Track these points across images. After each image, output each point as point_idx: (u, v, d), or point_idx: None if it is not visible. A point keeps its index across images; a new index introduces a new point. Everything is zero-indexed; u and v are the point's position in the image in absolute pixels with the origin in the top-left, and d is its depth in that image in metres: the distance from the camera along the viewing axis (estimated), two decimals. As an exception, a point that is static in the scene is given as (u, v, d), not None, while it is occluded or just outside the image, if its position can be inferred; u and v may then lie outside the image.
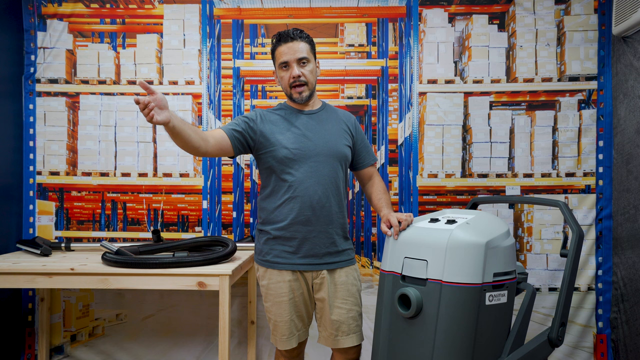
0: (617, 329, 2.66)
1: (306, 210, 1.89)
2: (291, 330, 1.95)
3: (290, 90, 1.93)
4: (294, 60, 1.89)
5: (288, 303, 1.93)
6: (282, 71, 1.93)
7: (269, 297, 1.96)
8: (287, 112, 2.00)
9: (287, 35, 1.90)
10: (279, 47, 1.92)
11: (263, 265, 1.97)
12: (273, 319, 1.97)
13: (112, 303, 2.85)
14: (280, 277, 1.93)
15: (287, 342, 1.95)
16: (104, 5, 2.86)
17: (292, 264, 1.92)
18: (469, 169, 2.80)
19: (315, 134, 1.94)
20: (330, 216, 1.93)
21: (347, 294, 1.97)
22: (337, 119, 2.03)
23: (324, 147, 1.93)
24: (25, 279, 2.14)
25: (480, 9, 2.80)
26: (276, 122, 1.95)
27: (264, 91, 2.88)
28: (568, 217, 1.92)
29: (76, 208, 2.86)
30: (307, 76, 1.92)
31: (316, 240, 1.91)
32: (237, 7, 2.85)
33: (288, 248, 1.92)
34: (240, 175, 2.87)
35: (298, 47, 1.89)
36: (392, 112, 2.84)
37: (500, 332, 1.76)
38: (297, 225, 1.90)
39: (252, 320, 2.74)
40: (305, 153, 1.90)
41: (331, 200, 1.93)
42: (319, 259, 1.93)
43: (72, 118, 2.86)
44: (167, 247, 2.40)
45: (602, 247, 2.72)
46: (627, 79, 2.55)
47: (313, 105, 2.02)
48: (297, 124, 1.95)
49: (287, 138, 1.91)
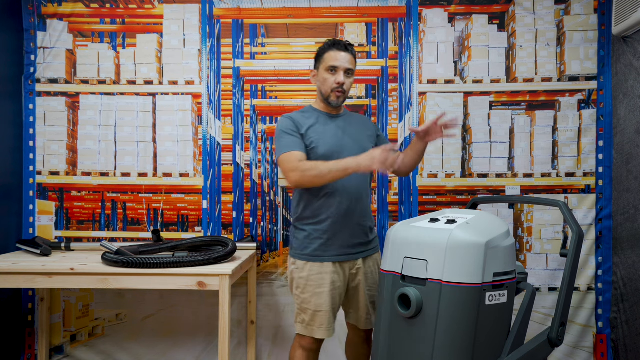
0: (617, 329, 2.66)
1: (344, 204, 2.03)
2: (329, 320, 2.06)
3: (331, 93, 2.07)
4: (342, 69, 2.04)
5: (328, 294, 2.03)
6: (328, 73, 2.06)
7: (309, 288, 2.04)
8: (318, 113, 2.12)
9: (342, 44, 2.06)
10: (330, 52, 2.06)
11: (302, 259, 2.07)
12: (312, 310, 2.04)
13: (112, 303, 2.85)
14: (322, 268, 2.04)
15: (326, 331, 2.05)
16: (104, 5, 2.86)
17: (331, 255, 2.04)
18: (468, 169, 2.80)
19: (347, 134, 2.10)
20: (363, 210, 2.10)
21: (373, 282, 2.14)
22: (359, 121, 2.22)
23: (355, 145, 2.08)
24: (25, 279, 2.14)
25: (480, 9, 2.80)
26: (313, 122, 2.08)
27: (264, 91, 2.88)
28: (568, 217, 1.92)
29: (76, 208, 2.86)
30: (347, 86, 2.09)
31: (352, 232, 2.06)
32: (237, 7, 2.85)
33: (327, 241, 2.04)
34: (240, 175, 2.87)
35: (349, 59, 2.06)
36: (392, 112, 2.84)
37: (500, 332, 1.76)
38: (336, 218, 2.03)
39: (252, 320, 2.74)
40: (341, 150, 2.04)
41: (363, 195, 2.10)
42: (353, 248, 2.08)
43: (72, 118, 2.86)
44: (167, 247, 2.40)
45: (602, 247, 2.72)
46: (627, 79, 2.55)
47: (339, 109, 2.17)
48: (333, 126, 2.10)
49: (326, 138, 2.06)
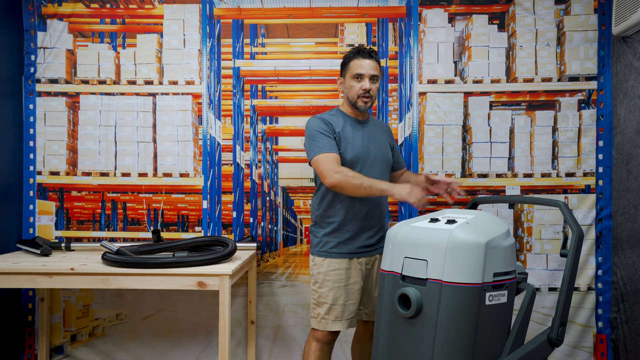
0: (617, 329, 2.66)
1: (364, 206, 2.12)
2: (344, 313, 2.12)
3: (357, 99, 2.12)
4: (368, 76, 2.10)
5: (344, 288, 2.12)
6: (354, 81, 2.12)
7: (327, 283, 2.12)
8: (345, 118, 2.18)
9: (366, 52, 2.12)
10: (355, 59, 2.12)
11: (321, 256, 2.15)
12: (329, 303, 2.11)
13: (112, 303, 2.85)
14: (340, 264, 2.12)
15: (342, 324, 2.12)
16: (104, 5, 2.86)
17: (349, 252, 2.13)
18: (469, 169, 2.80)
19: (371, 141, 2.18)
20: (382, 211, 2.21)
21: None
22: (382, 129, 2.30)
23: (377, 152, 2.18)
24: (25, 278, 2.14)
25: (480, 9, 2.80)
26: (344, 127, 2.14)
27: (264, 91, 2.88)
28: (568, 217, 1.92)
29: (76, 208, 2.86)
30: (374, 92, 2.15)
31: (371, 232, 2.17)
32: (237, 7, 2.85)
33: (347, 240, 2.13)
34: (240, 175, 2.87)
35: (374, 65, 2.12)
36: (392, 112, 2.84)
37: (500, 332, 1.76)
38: (356, 219, 2.13)
39: (252, 320, 2.74)
40: (365, 156, 2.14)
41: (383, 197, 2.20)
42: (370, 247, 2.18)
43: (72, 118, 2.86)
44: (167, 247, 2.40)
45: (602, 247, 2.72)
46: (627, 79, 2.55)
47: (365, 115, 2.23)
48: (360, 132, 2.17)
49: (354, 143, 2.13)
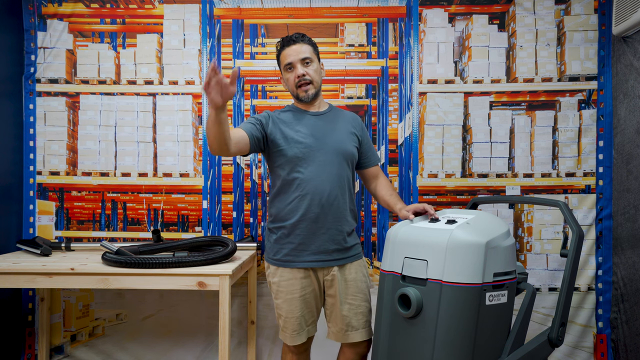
0: (617, 329, 2.66)
1: (315, 207, 1.94)
2: (301, 325, 2.00)
3: (297, 90, 2.00)
4: (297, 61, 1.97)
5: (299, 300, 1.98)
6: (287, 73, 2.01)
7: (280, 294, 2.00)
8: (295, 112, 2.06)
9: (290, 39, 2.00)
10: (283, 51, 2.01)
11: (274, 264, 2.02)
12: (284, 316, 2.01)
13: (112, 303, 2.85)
14: (292, 274, 1.98)
15: (298, 337, 2.01)
16: (104, 5, 2.86)
17: (303, 261, 1.97)
18: (469, 169, 2.80)
19: (323, 133, 2.00)
20: (338, 213, 1.98)
21: (356, 290, 2.02)
22: (344, 120, 2.09)
23: (332, 146, 1.98)
24: (25, 278, 2.14)
25: (480, 9, 2.80)
26: (286, 122, 2.01)
27: (264, 91, 2.87)
28: (568, 217, 1.92)
29: (76, 208, 2.86)
30: (311, 74, 1.99)
31: (325, 237, 1.96)
32: (237, 7, 2.85)
33: (298, 246, 1.97)
34: (240, 175, 2.87)
35: (301, 49, 1.98)
36: (392, 112, 2.84)
37: (500, 332, 1.76)
38: (307, 222, 1.95)
39: (252, 320, 2.74)
40: (314, 152, 1.96)
41: (339, 197, 1.98)
42: (328, 255, 1.98)
43: (72, 118, 2.86)
44: (167, 247, 2.40)
45: (602, 247, 2.72)
46: (627, 79, 2.55)
47: (319, 106, 2.08)
48: (306, 124, 2.01)
49: (296, 137, 1.97)
